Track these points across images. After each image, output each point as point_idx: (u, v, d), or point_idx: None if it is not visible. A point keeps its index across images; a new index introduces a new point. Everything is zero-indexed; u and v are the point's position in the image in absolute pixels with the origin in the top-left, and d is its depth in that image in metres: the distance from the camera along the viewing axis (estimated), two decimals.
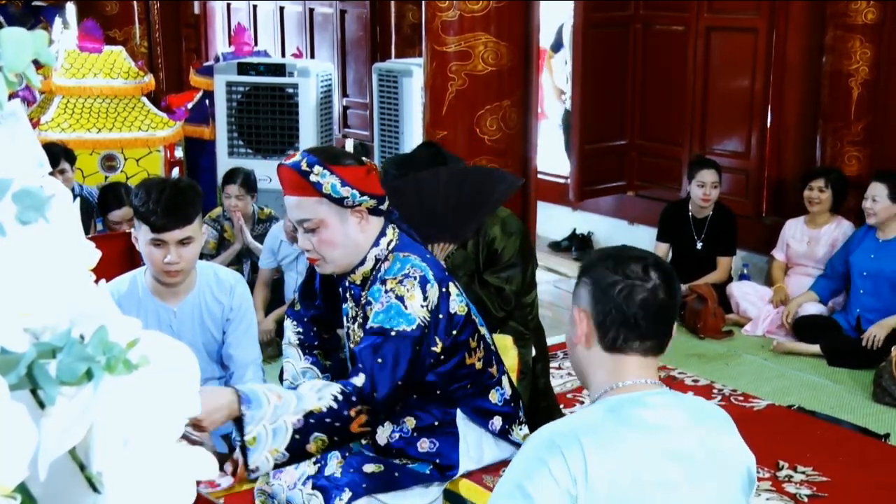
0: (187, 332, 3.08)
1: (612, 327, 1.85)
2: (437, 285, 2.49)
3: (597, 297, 1.86)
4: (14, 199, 0.73)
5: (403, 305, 2.43)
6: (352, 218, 2.51)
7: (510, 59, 4.93)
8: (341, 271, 2.61)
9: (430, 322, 2.47)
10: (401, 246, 2.59)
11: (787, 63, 5.94)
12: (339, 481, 2.53)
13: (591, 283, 1.88)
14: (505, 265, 3.66)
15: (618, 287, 1.84)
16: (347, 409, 2.34)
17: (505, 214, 3.76)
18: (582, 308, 1.88)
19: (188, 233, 2.92)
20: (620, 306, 1.84)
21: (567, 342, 1.98)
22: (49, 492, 0.73)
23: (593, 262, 1.92)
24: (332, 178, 2.46)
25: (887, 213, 4.99)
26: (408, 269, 2.49)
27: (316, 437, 2.32)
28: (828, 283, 5.29)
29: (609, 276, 1.86)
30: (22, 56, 0.73)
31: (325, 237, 2.51)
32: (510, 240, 3.67)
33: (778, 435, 4.18)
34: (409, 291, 2.45)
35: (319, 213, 2.49)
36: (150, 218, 2.85)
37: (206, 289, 3.14)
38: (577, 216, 7.19)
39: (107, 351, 0.70)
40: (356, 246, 2.54)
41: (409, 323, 2.42)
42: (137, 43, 9.54)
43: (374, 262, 2.56)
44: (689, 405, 1.91)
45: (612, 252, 1.94)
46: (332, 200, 2.48)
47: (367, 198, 2.51)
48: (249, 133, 6.50)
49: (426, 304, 2.46)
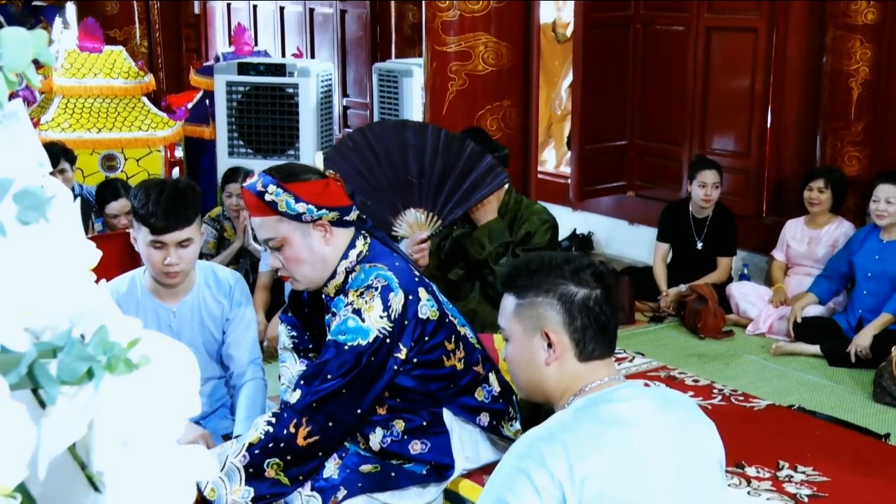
0: (187, 332, 3.08)
1: (591, 340, 1.85)
2: (403, 293, 2.49)
3: (570, 313, 1.83)
4: (15, 199, 0.73)
5: (360, 319, 2.44)
6: (314, 232, 2.53)
7: (510, 59, 4.93)
8: (314, 287, 2.62)
9: (393, 330, 2.46)
10: (370, 257, 2.59)
11: (787, 63, 5.94)
12: (335, 481, 2.54)
13: (556, 300, 1.83)
14: (535, 247, 3.81)
15: (592, 299, 1.84)
16: (284, 427, 2.41)
17: (537, 206, 3.98)
18: (552, 330, 1.84)
19: (188, 234, 2.91)
20: (598, 317, 1.85)
21: (527, 367, 1.89)
22: (49, 491, 0.73)
23: (537, 277, 1.85)
24: (285, 196, 2.48)
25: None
26: (371, 279, 2.49)
27: (270, 463, 2.39)
28: (828, 283, 5.28)
29: (575, 289, 1.83)
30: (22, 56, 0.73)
31: (290, 254, 2.54)
32: (542, 227, 3.85)
33: (778, 435, 4.18)
34: (368, 303, 2.45)
35: (281, 231, 2.52)
36: (149, 220, 2.85)
37: (206, 288, 3.14)
38: (577, 216, 7.19)
39: (107, 350, 0.70)
40: (323, 260, 2.55)
41: (365, 336, 2.43)
42: (137, 43, 9.55)
43: (345, 275, 2.57)
44: (655, 394, 1.92)
45: (554, 262, 1.87)
46: (290, 217, 2.50)
47: (326, 211, 2.51)
48: (249, 133, 6.50)
49: (387, 314, 2.45)
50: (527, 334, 1.86)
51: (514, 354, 1.91)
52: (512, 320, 1.88)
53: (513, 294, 1.89)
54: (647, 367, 4.96)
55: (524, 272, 1.88)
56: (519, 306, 1.87)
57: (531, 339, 1.85)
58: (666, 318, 5.66)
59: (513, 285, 1.89)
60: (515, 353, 1.90)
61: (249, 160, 6.28)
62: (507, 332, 1.91)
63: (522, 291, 1.86)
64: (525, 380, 1.91)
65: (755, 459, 3.92)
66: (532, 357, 1.86)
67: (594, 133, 6.57)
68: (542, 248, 3.80)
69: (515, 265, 1.94)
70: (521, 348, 1.88)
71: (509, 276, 1.92)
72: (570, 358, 1.84)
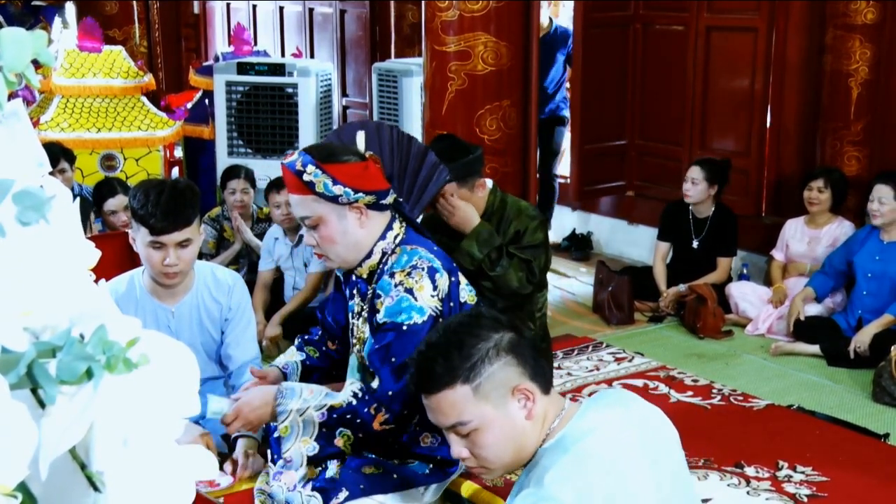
0: (185, 333, 3.08)
1: (541, 367, 1.81)
2: (447, 274, 2.52)
3: (521, 355, 1.77)
4: (14, 199, 0.73)
5: (413, 297, 2.46)
6: (350, 214, 2.53)
7: (510, 59, 4.93)
8: (347, 266, 2.64)
9: (442, 311, 2.49)
10: (407, 239, 2.61)
11: (787, 63, 5.95)
12: (337, 482, 2.54)
13: (506, 354, 1.76)
14: (528, 245, 3.74)
15: (524, 337, 1.81)
16: (366, 407, 2.45)
17: (523, 204, 3.89)
18: (520, 383, 1.76)
19: (187, 235, 2.91)
20: (532, 343, 1.82)
21: (511, 439, 1.77)
22: (49, 491, 0.73)
23: (470, 352, 1.74)
24: (323, 178, 2.49)
25: (894, 215, 4.99)
26: (416, 260, 2.51)
27: (341, 432, 2.44)
28: (825, 280, 5.28)
29: (505, 334, 1.78)
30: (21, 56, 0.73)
31: (325, 233, 2.55)
32: (531, 224, 3.77)
33: (777, 435, 4.18)
34: (418, 283, 2.47)
35: (317, 211, 2.53)
36: (149, 220, 2.85)
37: (204, 289, 3.14)
38: (576, 216, 7.19)
39: (107, 350, 0.70)
40: (357, 242, 2.56)
41: (421, 314, 2.46)
42: (137, 42, 9.55)
43: (381, 256, 2.58)
44: (612, 400, 1.88)
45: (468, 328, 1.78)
46: (327, 199, 2.50)
47: (363, 195, 2.52)
48: (249, 133, 6.50)
49: (436, 293, 2.49)
50: (500, 407, 1.74)
51: (496, 437, 1.76)
52: (477, 406, 1.73)
53: (459, 385, 1.73)
54: (646, 367, 4.96)
55: (453, 359, 1.74)
56: (477, 389, 1.73)
57: (506, 408, 1.75)
58: (665, 317, 5.66)
59: (451, 379, 1.73)
60: (497, 435, 1.75)
61: (249, 160, 6.28)
62: (476, 423, 1.74)
63: (468, 374, 1.73)
64: (513, 453, 1.78)
65: (754, 459, 3.92)
66: (513, 425, 1.76)
67: (594, 133, 6.58)
68: (537, 244, 3.75)
69: (429, 362, 1.76)
70: (499, 425, 1.75)
71: (438, 375, 1.74)
72: (539, 398, 1.78)
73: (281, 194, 5.14)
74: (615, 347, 5.23)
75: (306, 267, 5.20)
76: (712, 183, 5.60)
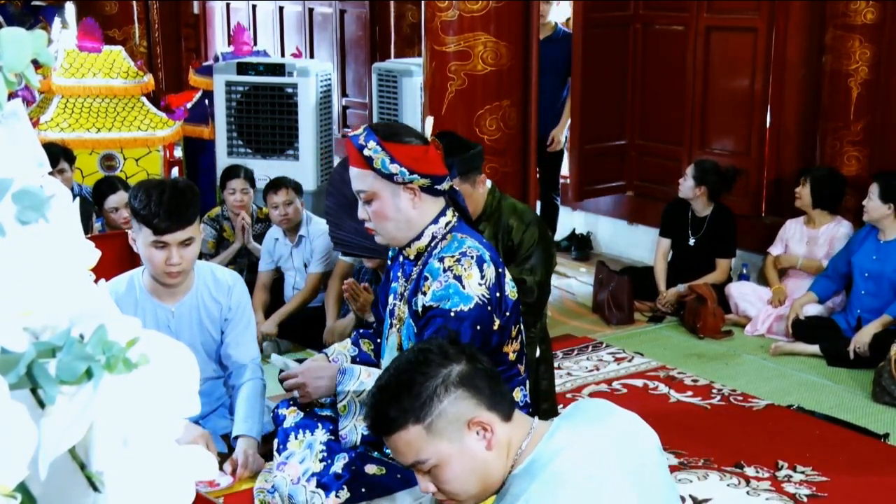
0: (185, 332, 3.08)
1: (499, 395, 1.79)
2: (493, 266, 2.55)
3: (475, 387, 1.75)
4: (14, 199, 0.73)
5: (461, 285, 2.49)
6: (404, 194, 2.57)
7: (510, 59, 4.93)
8: (395, 244, 2.68)
9: (490, 299, 2.51)
10: (459, 228, 2.64)
11: (787, 63, 5.95)
12: (340, 479, 2.53)
13: (458, 388, 1.74)
14: (525, 256, 3.69)
15: (474, 361, 1.79)
16: None
17: (521, 207, 3.82)
18: (476, 415, 1.74)
19: (189, 234, 2.92)
20: (487, 372, 1.79)
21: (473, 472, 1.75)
22: (49, 491, 0.73)
23: (419, 390, 1.72)
24: (382, 155, 2.53)
25: (879, 213, 5.00)
26: (465, 248, 2.55)
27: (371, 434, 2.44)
28: (828, 283, 5.29)
29: (456, 366, 1.76)
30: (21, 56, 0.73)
31: (377, 209, 2.59)
32: (528, 230, 3.70)
33: (777, 435, 4.18)
34: (467, 270, 2.50)
35: (372, 186, 2.57)
36: (151, 221, 2.85)
37: (204, 288, 3.14)
38: (576, 216, 7.19)
39: (106, 350, 0.70)
40: (408, 221, 2.60)
41: (467, 302, 2.48)
42: (137, 43, 9.54)
43: (431, 239, 2.61)
44: (585, 417, 1.83)
45: (416, 365, 1.76)
46: (383, 176, 2.55)
47: (418, 176, 2.55)
48: (249, 133, 6.50)
49: (484, 282, 2.51)
50: (456, 441, 1.73)
51: (456, 472, 1.74)
52: (432, 445, 1.72)
53: (411, 425, 1.72)
54: (646, 367, 4.96)
55: (403, 400, 1.73)
56: (430, 427, 1.72)
57: (462, 442, 1.73)
58: (665, 317, 5.67)
59: (403, 421, 1.73)
60: (456, 470, 1.73)
61: (249, 160, 6.28)
62: (434, 460, 1.73)
63: (418, 414, 1.72)
64: (478, 484, 1.76)
65: (754, 459, 3.92)
66: (473, 457, 1.74)
67: (594, 133, 6.57)
68: (532, 253, 3.70)
69: (381, 405, 1.77)
70: (458, 459, 1.73)
71: (391, 418, 1.74)
72: (499, 427, 1.75)
73: (279, 195, 5.14)
74: (615, 347, 5.23)
75: (306, 267, 5.20)
76: (700, 183, 5.62)
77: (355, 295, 4.27)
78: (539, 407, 3.73)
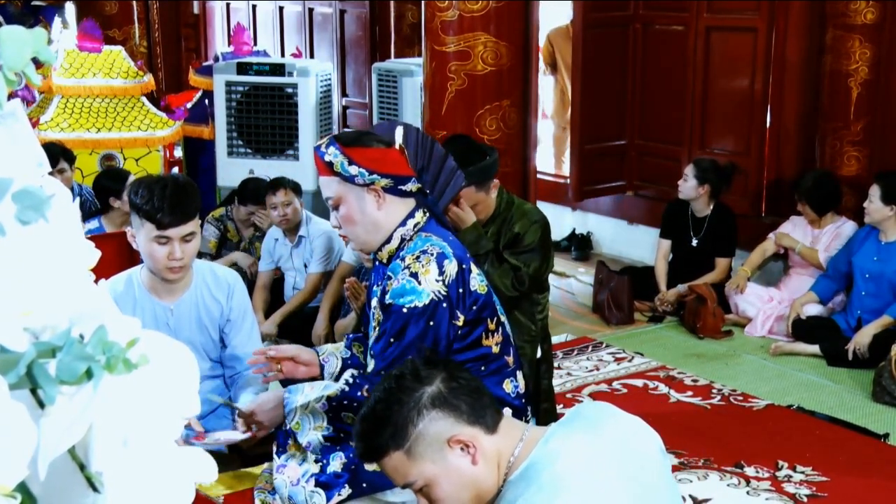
0: (185, 330, 3.08)
1: (482, 408, 1.78)
2: (457, 262, 2.59)
3: (451, 406, 1.75)
4: (14, 198, 0.73)
5: (417, 281, 2.54)
6: (367, 196, 2.62)
7: (510, 59, 4.93)
8: (367, 249, 2.73)
9: (449, 295, 2.55)
10: (426, 228, 2.67)
11: (787, 63, 5.95)
12: (340, 479, 2.54)
13: (433, 409, 1.74)
14: (525, 249, 3.73)
15: (449, 380, 1.77)
16: (358, 391, 2.55)
17: (528, 206, 3.89)
18: (456, 434, 1.73)
19: (191, 228, 2.94)
20: (467, 386, 1.78)
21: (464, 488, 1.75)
22: (49, 491, 0.73)
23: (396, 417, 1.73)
24: (341, 158, 2.59)
25: (880, 215, 5.00)
26: (427, 246, 2.59)
27: (346, 416, 2.56)
28: (829, 283, 5.29)
29: (431, 387, 1.76)
30: (21, 55, 0.73)
31: (344, 213, 2.65)
32: (532, 227, 3.75)
33: (777, 435, 4.18)
34: (425, 267, 2.55)
35: (337, 191, 2.64)
36: (155, 215, 2.86)
37: (203, 286, 3.14)
38: (576, 216, 7.19)
39: (106, 350, 0.70)
40: (374, 224, 2.64)
41: (421, 298, 2.53)
42: (137, 43, 9.54)
43: (400, 241, 2.65)
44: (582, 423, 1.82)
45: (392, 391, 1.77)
46: (344, 178, 2.60)
47: (378, 177, 2.59)
48: (249, 133, 6.50)
49: (442, 278, 2.55)
50: (439, 461, 1.74)
51: (446, 490, 1.75)
52: (416, 467, 1.74)
53: (392, 452, 1.75)
54: (646, 367, 4.96)
55: (381, 429, 1.75)
56: (409, 451, 1.74)
57: (446, 461, 1.74)
58: (665, 317, 5.67)
59: (384, 449, 1.75)
60: (445, 488, 1.75)
61: (248, 160, 6.28)
62: (422, 481, 1.75)
63: (396, 441, 1.74)
64: (472, 497, 1.77)
65: (754, 459, 3.92)
66: (460, 474, 1.75)
67: (594, 133, 6.57)
68: (533, 248, 3.73)
69: (364, 435, 1.79)
70: (445, 478, 1.74)
71: (374, 447, 1.77)
72: (484, 440, 1.75)
73: (278, 195, 5.12)
74: (615, 347, 5.23)
75: (306, 267, 5.20)
76: (702, 182, 5.63)
77: (356, 294, 4.28)
78: (539, 406, 3.74)
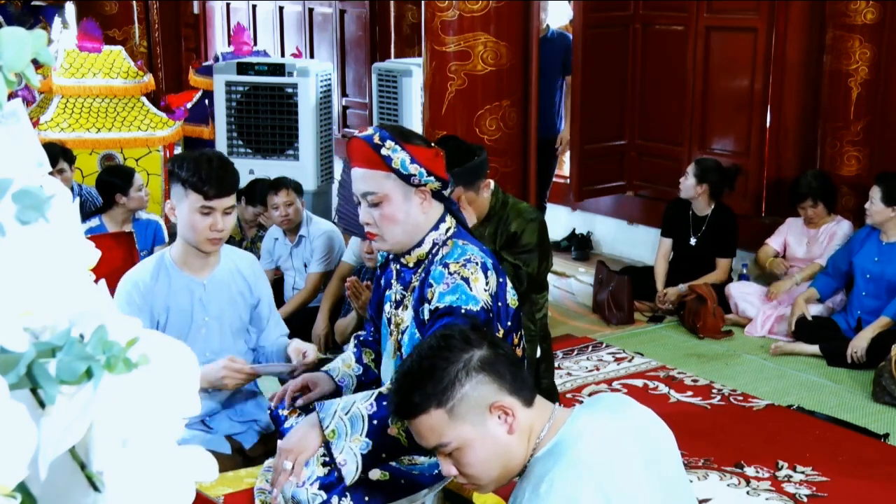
0: (215, 304, 3.12)
1: (521, 381, 1.80)
2: (496, 274, 2.52)
3: (496, 372, 1.76)
4: (14, 198, 0.73)
5: (468, 286, 2.45)
6: (415, 197, 2.52)
7: (510, 59, 4.93)
8: (398, 250, 2.61)
9: (492, 307, 2.48)
10: (458, 234, 2.61)
11: (787, 63, 5.95)
12: (341, 485, 2.52)
13: (479, 373, 1.75)
14: (524, 249, 3.70)
15: (495, 347, 1.80)
16: None
17: (523, 205, 3.85)
18: (497, 399, 1.75)
19: (232, 201, 3.04)
20: (508, 357, 1.81)
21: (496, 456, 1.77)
22: (49, 491, 0.73)
23: (441, 375, 1.74)
24: (402, 154, 2.48)
25: (882, 216, 5.00)
26: (469, 255, 2.50)
27: (395, 419, 2.33)
28: (829, 280, 5.29)
29: (479, 351, 1.78)
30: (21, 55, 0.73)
31: (387, 212, 2.52)
32: (529, 225, 3.72)
33: (777, 435, 4.18)
34: (473, 274, 2.46)
35: (385, 188, 2.51)
36: (202, 187, 2.93)
37: (231, 263, 3.20)
38: (576, 216, 7.20)
39: (106, 350, 0.70)
40: (416, 226, 2.55)
41: (475, 303, 2.44)
42: (137, 43, 9.54)
43: (431, 246, 2.57)
44: (605, 404, 1.87)
45: (441, 349, 1.78)
46: (400, 176, 2.49)
47: (433, 179, 2.52)
48: (249, 133, 6.50)
49: (488, 289, 2.48)
50: (478, 426, 1.75)
51: (478, 455, 1.76)
52: (454, 428, 1.75)
53: (433, 409, 1.75)
54: (646, 367, 4.96)
55: (426, 386, 1.75)
56: (452, 411, 1.75)
57: (485, 426, 1.75)
58: (665, 317, 5.67)
59: (425, 405, 1.76)
60: (478, 453, 1.76)
61: (249, 160, 6.28)
62: (457, 443, 1.76)
63: (441, 398, 1.74)
64: (500, 467, 1.79)
65: (754, 459, 3.92)
66: (495, 441, 1.76)
67: (594, 133, 6.57)
68: (533, 247, 3.73)
69: (405, 390, 1.79)
70: (481, 443, 1.76)
71: (414, 403, 1.77)
72: (521, 412, 1.77)
73: (279, 195, 5.12)
74: (615, 347, 5.23)
75: (306, 267, 5.20)
76: (701, 181, 5.64)
77: (357, 293, 4.28)
78: None
